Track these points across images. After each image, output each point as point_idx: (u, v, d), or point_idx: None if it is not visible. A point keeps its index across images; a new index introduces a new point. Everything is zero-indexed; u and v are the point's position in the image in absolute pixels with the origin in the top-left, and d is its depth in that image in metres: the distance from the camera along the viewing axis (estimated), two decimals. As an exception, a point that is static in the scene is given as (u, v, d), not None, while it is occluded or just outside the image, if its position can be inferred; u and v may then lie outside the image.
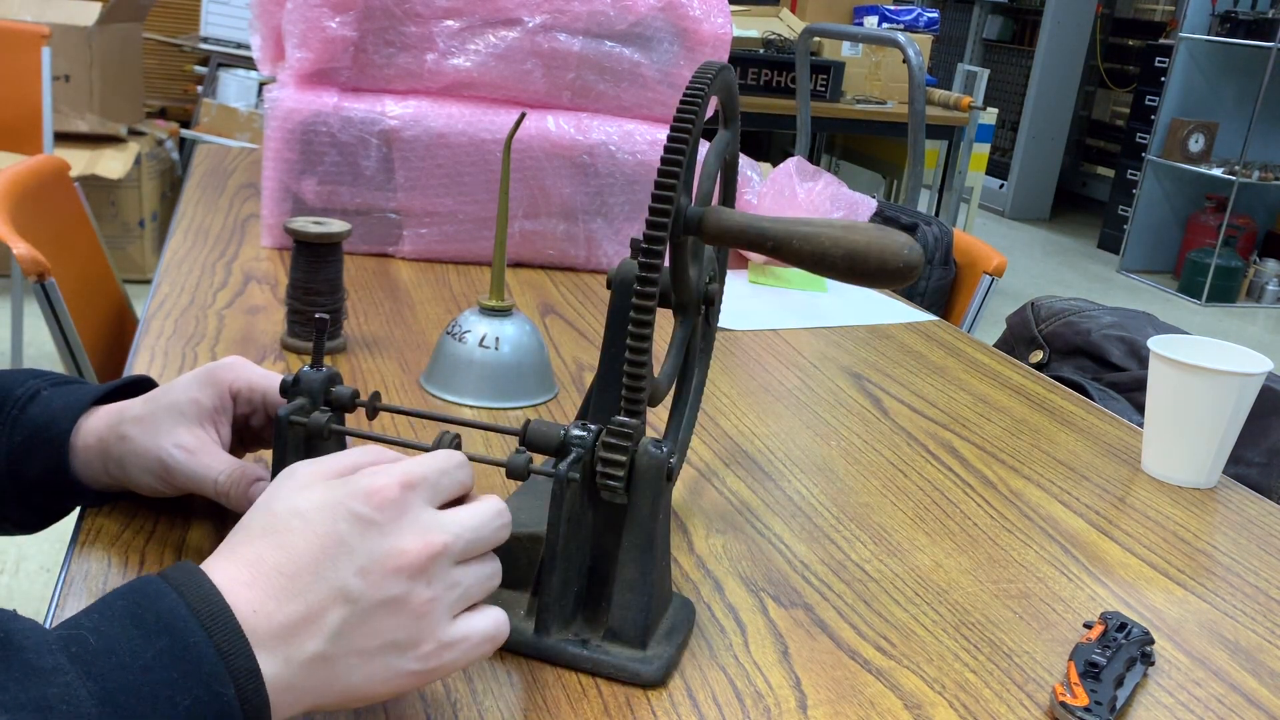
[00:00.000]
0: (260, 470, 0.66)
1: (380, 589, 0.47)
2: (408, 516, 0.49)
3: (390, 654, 0.48)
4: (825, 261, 0.59)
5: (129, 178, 3.47)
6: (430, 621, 0.49)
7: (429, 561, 0.49)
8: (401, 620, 0.48)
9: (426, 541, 0.49)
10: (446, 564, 0.50)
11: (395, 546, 0.48)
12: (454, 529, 0.50)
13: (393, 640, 0.48)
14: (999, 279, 1.66)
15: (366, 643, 0.47)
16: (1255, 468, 1.14)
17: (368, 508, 0.48)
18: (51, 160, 1.52)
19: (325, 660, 0.47)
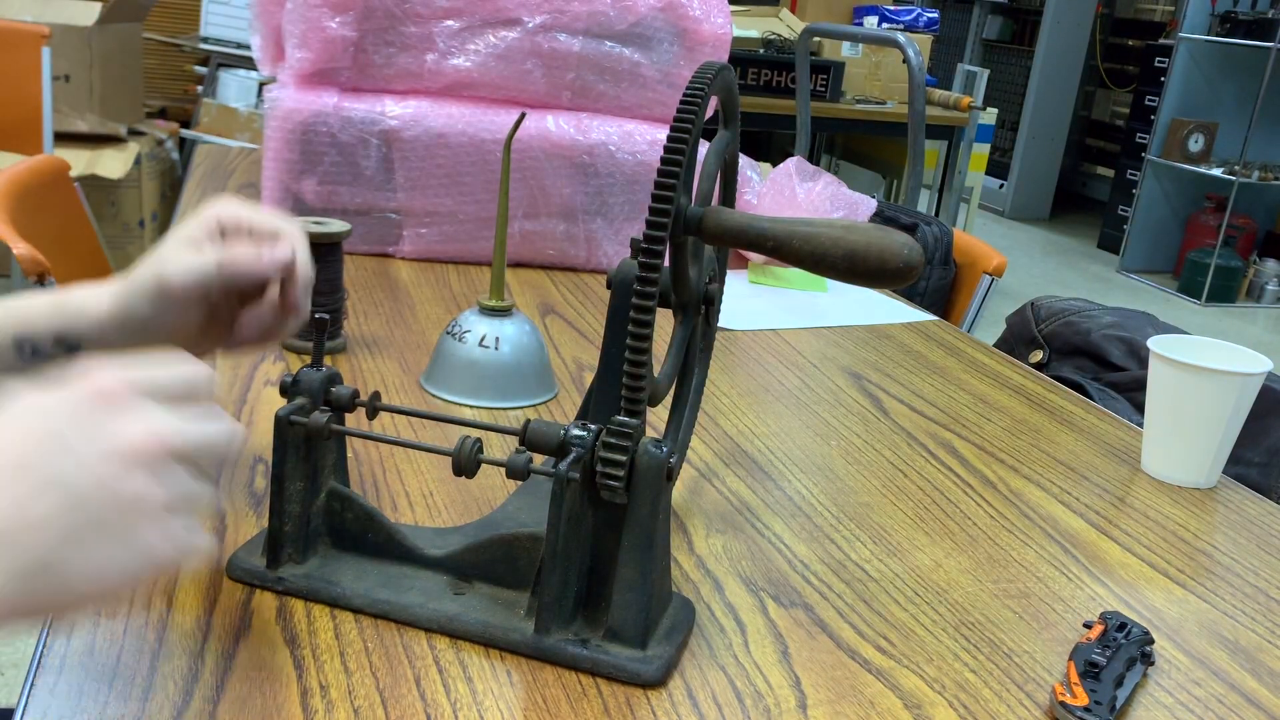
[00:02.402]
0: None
1: (108, 488, 0.44)
2: (131, 409, 0.46)
3: (116, 551, 0.44)
4: (825, 261, 0.59)
5: (129, 178, 3.46)
6: (153, 516, 0.45)
7: (154, 450, 0.45)
8: (130, 519, 0.44)
9: (150, 429, 0.45)
10: (170, 460, 0.46)
11: (115, 432, 0.45)
12: (180, 428, 0.47)
13: (119, 536, 0.44)
14: (999, 279, 1.66)
15: (94, 544, 0.44)
16: (1255, 468, 1.14)
17: (83, 397, 0.45)
18: (51, 160, 1.52)
19: (49, 569, 0.43)
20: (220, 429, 0.49)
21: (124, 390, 0.46)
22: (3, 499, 0.42)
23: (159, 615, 0.60)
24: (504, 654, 0.60)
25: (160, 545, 0.45)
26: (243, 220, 0.68)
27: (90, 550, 0.43)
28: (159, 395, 0.47)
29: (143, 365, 0.48)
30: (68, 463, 0.43)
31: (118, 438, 0.45)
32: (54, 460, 0.43)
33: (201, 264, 0.66)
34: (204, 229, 0.68)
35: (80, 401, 0.45)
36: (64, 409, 0.45)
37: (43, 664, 0.55)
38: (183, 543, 0.46)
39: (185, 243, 0.67)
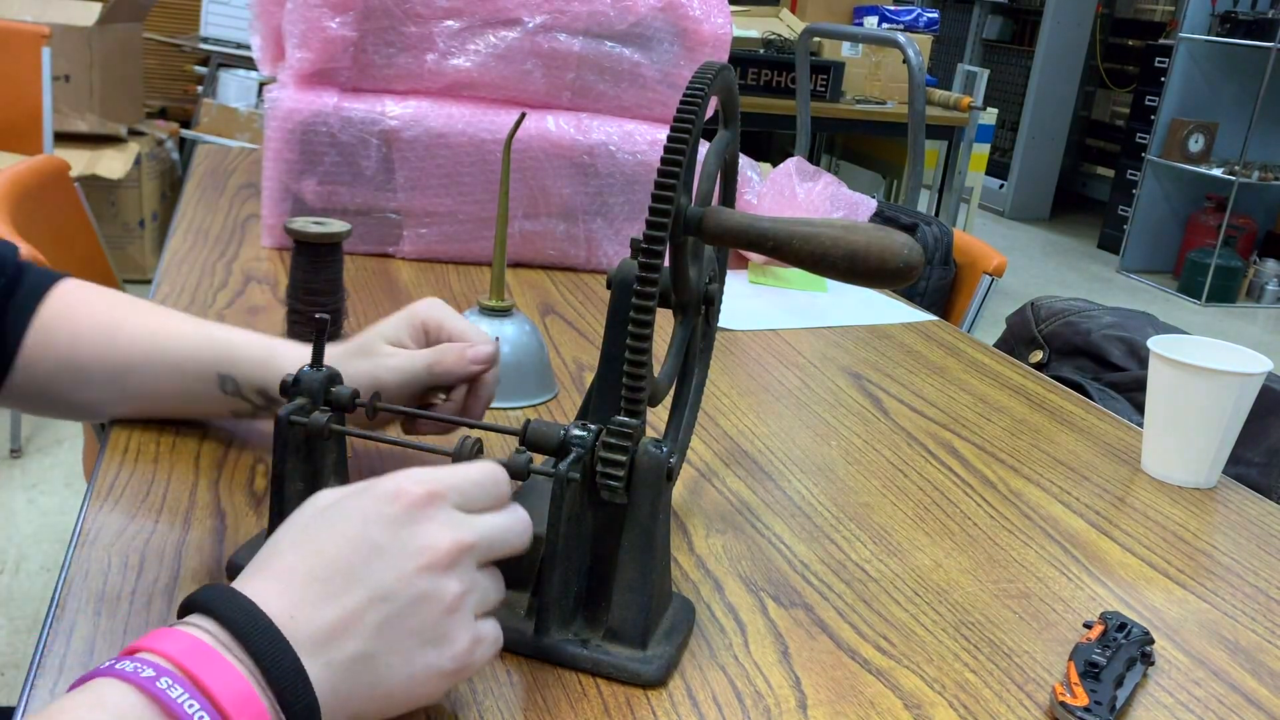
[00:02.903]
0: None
1: (413, 585, 0.48)
2: (437, 518, 0.50)
3: (428, 651, 0.49)
4: (825, 261, 0.59)
5: (129, 178, 3.47)
6: (460, 617, 0.50)
7: (459, 556, 0.50)
8: (436, 615, 0.49)
9: (456, 538, 0.50)
10: (471, 562, 0.51)
11: (426, 543, 0.49)
12: (481, 529, 0.51)
13: (430, 636, 0.49)
14: (999, 279, 1.66)
15: (404, 640, 0.48)
16: (1255, 468, 1.14)
17: (395, 508, 0.49)
18: (51, 160, 1.52)
19: (367, 660, 0.47)
20: (512, 524, 0.53)
21: (425, 497, 0.50)
22: (334, 605, 0.47)
23: (159, 616, 0.60)
24: (504, 654, 0.60)
25: (461, 639, 0.50)
26: (445, 323, 0.75)
27: (399, 645, 0.48)
28: (461, 499, 0.52)
29: (446, 472, 0.52)
30: (384, 570, 0.48)
31: (429, 549, 0.49)
32: (373, 568, 0.48)
33: (413, 366, 0.72)
34: (410, 329, 0.75)
35: (387, 509, 0.49)
36: (381, 518, 0.49)
37: (43, 664, 0.55)
38: (479, 634, 0.51)
39: (394, 340, 0.75)
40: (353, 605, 0.47)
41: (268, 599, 0.46)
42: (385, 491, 0.50)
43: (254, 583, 0.47)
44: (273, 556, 0.49)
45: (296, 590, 0.47)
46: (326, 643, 0.46)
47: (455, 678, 0.50)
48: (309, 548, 0.48)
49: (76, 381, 0.77)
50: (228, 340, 0.76)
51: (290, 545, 0.49)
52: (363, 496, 0.50)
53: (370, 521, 0.49)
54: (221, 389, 0.76)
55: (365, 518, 0.49)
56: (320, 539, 0.49)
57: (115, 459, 0.76)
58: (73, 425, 2.58)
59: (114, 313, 0.78)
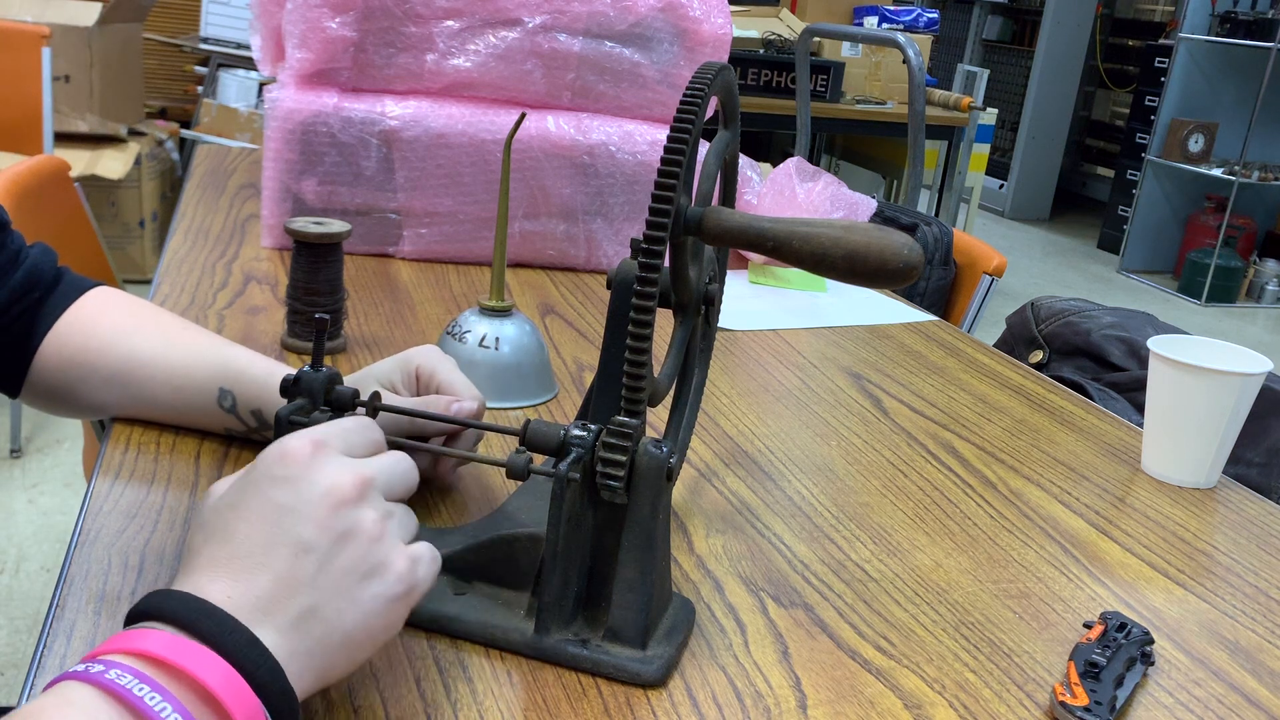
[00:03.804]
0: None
1: (331, 527, 0.49)
2: (328, 462, 0.51)
3: (370, 583, 0.50)
4: (825, 261, 0.59)
5: (129, 178, 3.46)
6: (389, 541, 0.51)
7: (363, 488, 0.51)
8: (363, 546, 0.50)
9: (356, 473, 0.51)
10: (378, 493, 0.52)
11: (328, 485, 0.50)
12: (374, 465, 0.52)
13: (366, 568, 0.49)
14: (999, 279, 1.66)
15: (343, 580, 0.49)
16: (1255, 468, 1.14)
17: (285, 468, 0.50)
18: (51, 160, 1.52)
19: (313, 612, 0.48)
20: (397, 462, 0.54)
21: (312, 450, 0.51)
22: (265, 573, 0.48)
23: (159, 615, 0.60)
24: (504, 654, 0.60)
25: (397, 561, 0.51)
26: (438, 373, 0.76)
27: (340, 587, 0.49)
28: (345, 445, 0.53)
29: (323, 426, 0.53)
30: (299, 523, 0.49)
31: (333, 490, 0.50)
32: (287, 526, 0.49)
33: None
34: (403, 374, 0.77)
35: (288, 470, 0.50)
36: (276, 480, 0.50)
37: (43, 664, 0.55)
38: (414, 553, 0.52)
39: (387, 383, 0.76)
40: (282, 566, 0.48)
41: (202, 588, 0.47)
42: (272, 457, 0.50)
43: (185, 580, 0.48)
44: (191, 557, 0.49)
45: (224, 573, 0.47)
46: (269, 608, 0.47)
47: (408, 600, 0.51)
48: (220, 536, 0.49)
49: (81, 380, 0.78)
50: (234, 358, 0.78)
51: (203, 541, 0.49)
52: (253, 471, 0.51)
53: (268, 488, 0.49)
54: (219, 404, 0.78)
55: (261, 487, 0.50)
56: (228, 524, 0.49)
57: (115, 459, 0.76)
58: (73, 425, 2.58)
59: (131, 320, 0.80)
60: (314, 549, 0.48)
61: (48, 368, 0.79)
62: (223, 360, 0.77)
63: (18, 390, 0.81)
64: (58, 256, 0.83)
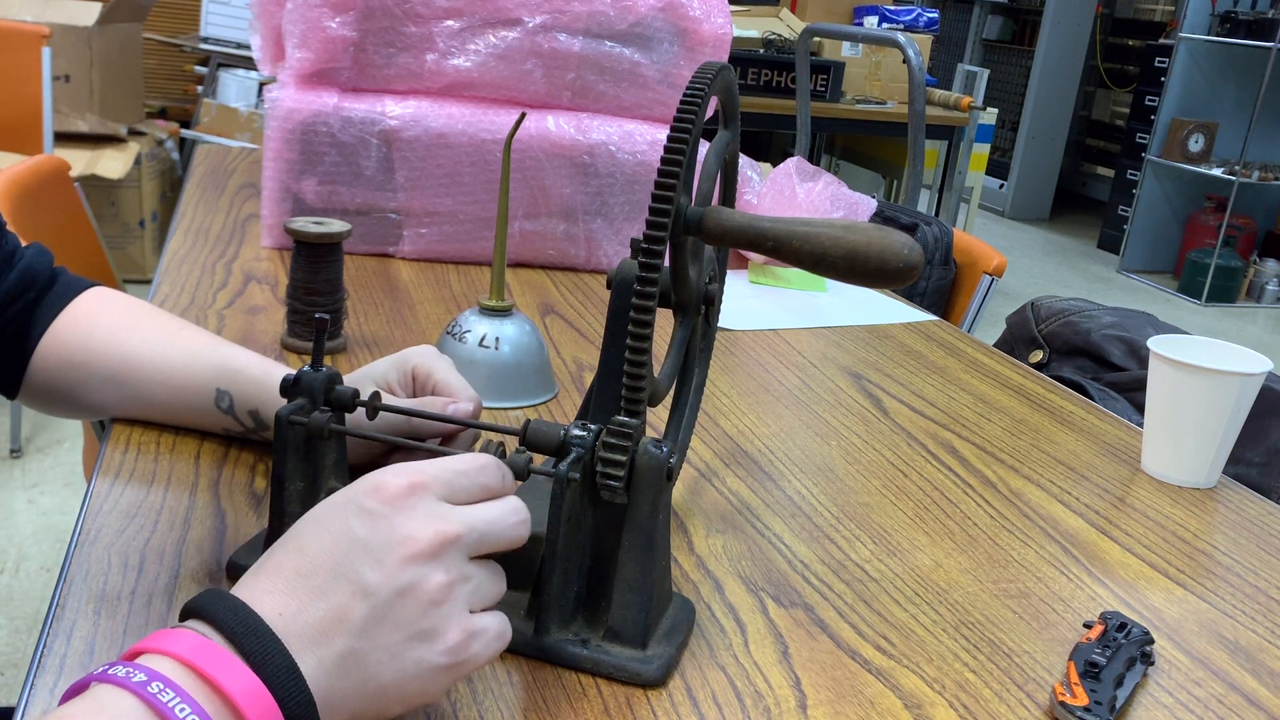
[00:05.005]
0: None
1: (396, 578, 0.47)
2: (419, 509, 0.49)
3: (416, 645, 0.48)
4: (825, 261, 0.59)
5: (129, 178, 3.47)
6: (449, 609, 0.49)
7: (440, 547, 0.48)
8: (420, 608, 0.48)
9: (437, 529, 0.49)
10: (459, 553, 0.49)
11: (406, 534, 0.48)
12: (466, 520, 0.50)
13: (416, 630, 0.48)
14: (999, 279, 1.66)
15: (391, 635, 0.47)
16: (1255, 468, 1.14)
17: (375, 501, 0.49)
18: (51, 160, 1.52)
19: (356, 657, 0.47)
20: (504, 514, 0.52)
21: (407, 489, 0.49)
22: (320, 602, 0.47)
23: (159, 616, 0.60)
24: (504, 654, 0.60)
25: (451, 632, 0.49)
26: (435, 374, 0.75)
27: (386, 640, 0.47)
28: (446, 490, 0.51)
29: (431, 463, 0.51)
30: (366, 564, 0.47)
31: (409, 540, 0.48)
32: (355, 562, 0.47)
33: (393, 414, 0.71)
34: (400, 374, 0.76)
35: (367, 503, 0.49)
36: (362, 511, 0.49)
37: (43, 664, 0.55)
38: (474, 627, 0.50)
39: (383, 384, 0.75)
40: (339, 601, 0.47)
41: (258, 598, 0.46)
42: (367, 486, 0.49)
43: (246, 584, 0.48)
44: (266, 558, 0.49)
45: (284, 588, 0.47)
46: (317, 640, 0.46)
47: (453, 673, 0.49)
48: (295, 545, 0.48)
49: (80, 381, 0.78)
50: (232, 358, 0.78)
51: (280, 545, 0.49)
52: (347, 493, 0.50)
53: (352, 516, 0.48)
54: (217, 405, 0.77)
55: (347, 513, 0.49)
56: (306, 537, 0.49)
57: (115, 459, 0.76)
58: (73, 425, 2.58)
59: (128, 320, 0.80)
60: (372, 595, 0.47)
61: (45, 368, 0.79)
62: (220, 361, 0.77)
63: (15, 391, 0.81)
64: (54, 257, 0.83)
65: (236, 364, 0.77)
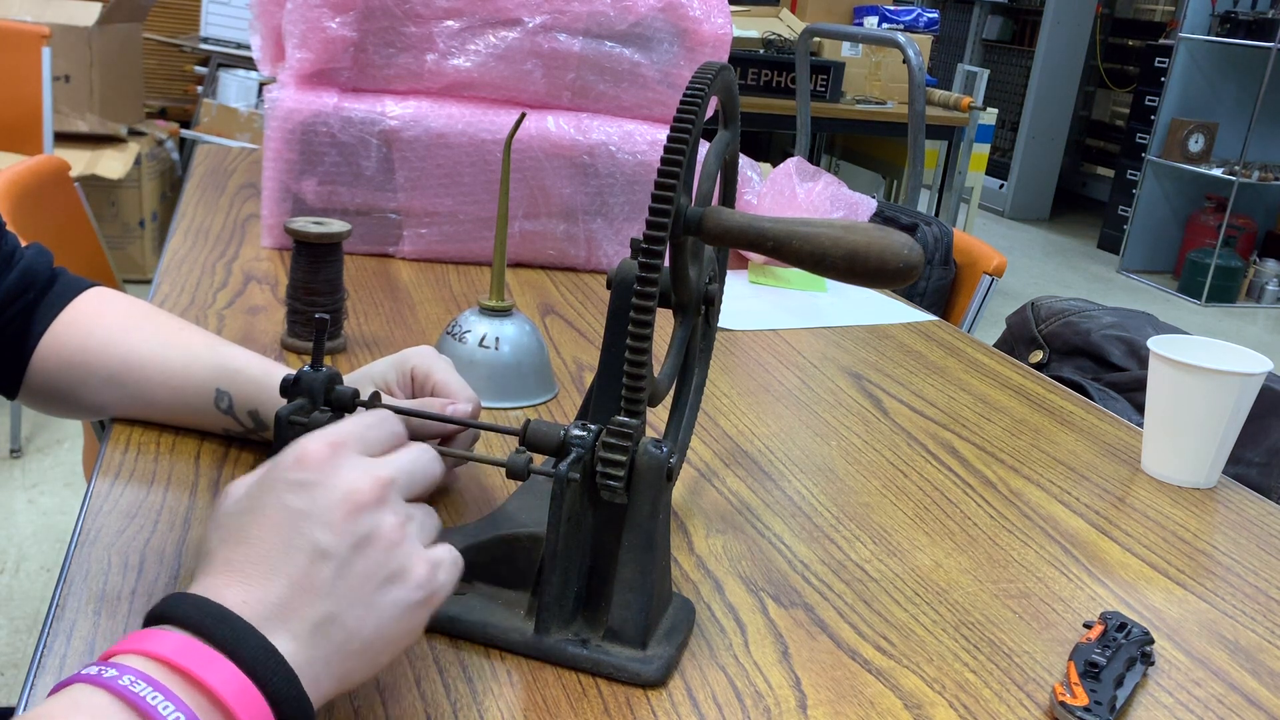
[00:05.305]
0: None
1: (349, 532, 0.48)
2: (345, 464, 0.50)
3: (389, 588, 0.49)
4: (825, 261, 0.59)
5: (129, 178, 3.47)
6: (409, 545, 0.50)
7: (382, 491, 0.50)
8: (382, 552, 0.49)
9: (374, 476, 0.50)
10: (397, 495, 0.51)
11: (345, 489, 0.49)
12: (393, 464, 0.51)
13: (385, 574, 0.49)
14: (999, 279, 1.66)
15: (362, 587, 0.48)
16: (1255, 468, 1.14)
17: (303, 472, 0.49)
18: (51, 160, 1.52)
19: (331, 620, 0.47)
20: (419, 455, 0.53)
21: (329, 452, 0.50)
22: (280, 579, 0.47)
23: (159, 615, 0.60)
24: (504, 654, 0.60)
25: (418, 566, 0.50)
26: (434, 374, 0.76)
27: (358, 593, 0.48)
28: (362, 445, 0.52)
29: (339, 425, 0.52)
30: (313, 528, 0.48)
31: (351, 494, 0.49)
32: (304, 531, 0.48)
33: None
34: (399, 375, 0.76)
35: (295, 475, 0.49)
36: (292, 485, 0.49)
37: (43, 664, 0.55)
38: (434, 557, 0.51)
39: (382, 384, 0.76)
40: (298, 572, 0.47)
41: (218, 592, 0.46)
42: (289, 460, 0.50)
43: (200, 585, 0.47)
44: (207, 559, 0.49)
45: (239, 579, 0.47)
46: (285, 614, 0.46)
47: (428, 605, 0.50)
48: (235, 538, 0.48)
49: (80, 381, 0.78)
50: (231, 359, 0.78)
51: (219, 543, 0.49)
52: (270, 473, 0.50)
53: (284, 492, 0.49)
54: (216, 405, 0.77)
55: (278, 490, 0.49)
56: (245, 528, 0.48)
57: (115, 459, 0.76)
58: (73, 425, 2.58)
59: (127, 320, 0.80)
60: (331, 555, 0.47)
61: (45, 369, 0.79)
62: (219, 361, 0.77)
63: (15, 391, 0.81)
64: (53, 257, 0.83)
65: (236, 364, 0.77)
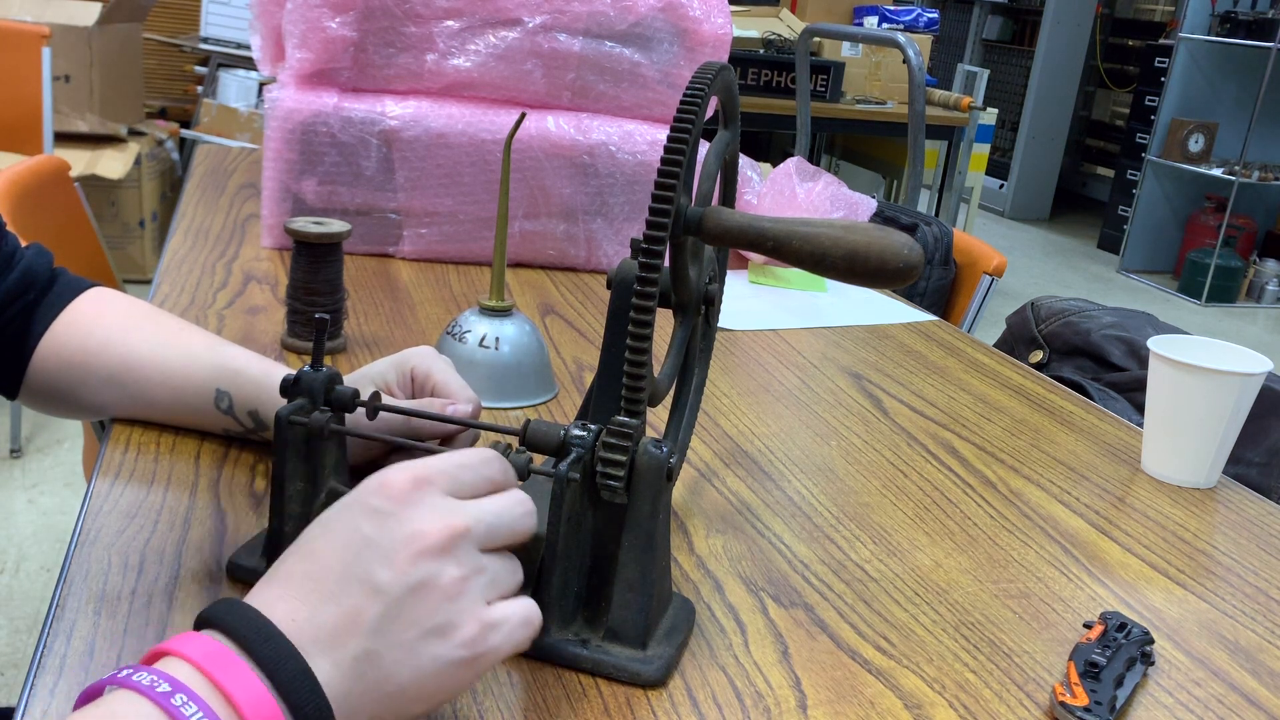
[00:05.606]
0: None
1: (407, 575, 0.47)
2: (425, 504, 0.49)
3: (432, 642, 0.47)
4: (825, 261, 0.59)
5: (129, 178, 3.47)
6: (464, 603, 0.48)
7: (450, 541, 0.48)
8: (434, 603, 0.47)
9: (446, 523, 0.48)
10: (470, 546, 0.49)
11: (414, 530, 0.48)
12: (474, 512, 0.50)
13: (431, 626, 0.47)
14: (999, 279, 1.66)
15: (406, 633, 0.47)
16: (1255, 468, 1.14)
17: (381, 500, 0.48)
18: (51, 160, 1.52)
19: (371, 658, 0.46)
20: (510, 506, 0.51)
21: (412, 485, 0.49)
22: (332, 605, 0.46)
23: (159, 615, 0.60)
24: (504, 654, 0.60)
25: (467, 625, 0.48)
26: (434, 374, 0.75)
27: (401, 638, 0.47)
28: (451, 485, 0.50)
29: (434, 459, 0.51)
30: (376, 563, 0.47)
31: (417, 536, 0.48)
32: (365, 562, 0.47)
33: (391, 415, 0.72)
34: (399, 375, 0.76)
35: (373, 501, 0.49)
36: (368, 511, 0.48)
37: (43, 664, 0.55)
38: (491, 618, 0.49)
39: (382, 384, 0.75)
40: (351, 603, 0.46)
41: (270, 605, 0.46)
42: (372, 485, 0.49)
43: (258, 592, 0.47)
44: (277, 566, 0.49)
45: (295, 593, 0.47)
46: (331, 643, 0.46)
47: (472, 668, 0.48)
48: (304, 550, 0.48)
49: (80, 382, 0.78)
50: (231, 359, 0.78)
51: (291, 552, 0.49)
52: (354, 495, 0.50)
53: (359, 516, 0.48)
54: (216, 405, 0.77)
55: (354, 513, 0.48)
56: (316, 541, 0.48)
57: (115, 459, 0.76)
58: (73, 425, 2.58)
59: (127, 320, 0.80)
60: (384, 593, 0.47)
61: (45, 369, 0.79)
62: (219, 361, 0.77)
63: (16, 391, 0.81)
64: (53, 257, 0.82)
65: (236, 364, 0.77)
